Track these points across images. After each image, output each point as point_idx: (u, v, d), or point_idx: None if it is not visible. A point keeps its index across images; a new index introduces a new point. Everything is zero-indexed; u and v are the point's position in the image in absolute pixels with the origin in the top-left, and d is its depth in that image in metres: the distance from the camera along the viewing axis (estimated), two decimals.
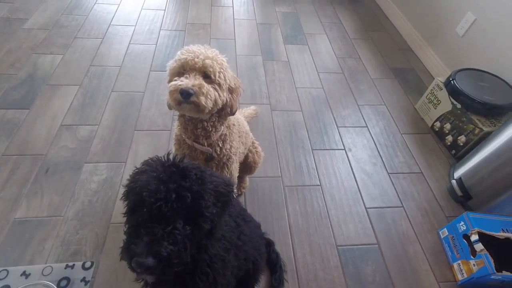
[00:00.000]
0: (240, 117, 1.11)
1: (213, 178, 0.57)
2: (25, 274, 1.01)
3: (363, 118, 1.72)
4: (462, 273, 1.09)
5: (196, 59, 0.78)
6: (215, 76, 0.79)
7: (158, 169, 0.54)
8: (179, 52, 0.82)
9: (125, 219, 0.55)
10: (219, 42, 2.11)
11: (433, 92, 1.66)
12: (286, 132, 1.59)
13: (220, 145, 0.92)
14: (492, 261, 0.98)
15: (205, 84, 0.78)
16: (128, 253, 0.49)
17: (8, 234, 1.10)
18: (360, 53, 2.18)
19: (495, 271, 0.97)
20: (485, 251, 1.00)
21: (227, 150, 0.94)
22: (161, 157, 0.58)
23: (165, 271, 0.50)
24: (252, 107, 1.58)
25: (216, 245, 0.64)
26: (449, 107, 1.56)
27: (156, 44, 2.01)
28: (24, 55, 1.80)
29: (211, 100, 0.78)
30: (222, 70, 0.81)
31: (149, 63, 1.87)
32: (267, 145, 1.50)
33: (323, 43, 2.24)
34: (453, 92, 1.52)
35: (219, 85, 0.81)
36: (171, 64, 0.82)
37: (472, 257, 1.06)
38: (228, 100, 0.85)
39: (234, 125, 0.98)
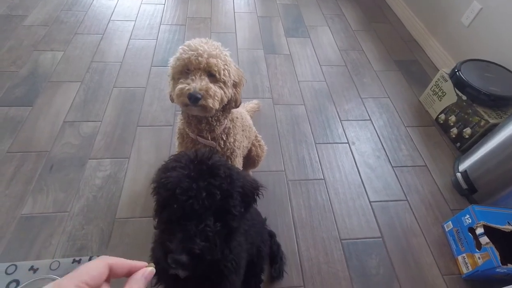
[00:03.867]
0: (243, 111, 1.10)
1: (240, 177, 0.58)
2: (33, 269, 1.02)
3: (367, 111, 1.71)
4: (467, 266, 1.09)
5: (200, 59, 0.76)
6: (220, 74, 0.78)
7: (188, 166, 0.54)
8: (180, 49, 0.80)
9: (130, 214, 0.56)
10: (220, 36, 2.09)
11: (438, 84, 1.64)
12: (289, 126, 1.59)
13: (224, 139, 0.92)
14: (497, 254, 0.98)
15: (212, 86, 0.77)
16: (163, 249, 0.51)
17: (15, 230, 1.11)
18: (363, 45, 2.15)
19: (500, 264, 0.96)
20: (491, 244, 1.00)
21: (231, 143, 0.94)
22: (189, 152, 0.59)
23: (198, 266, 0.51)
24: (255, 101, 1.56)
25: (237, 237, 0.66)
26: (454, 99, 1.54)
27: (157, 39, 2.00)
28: (25, 52, 1.79)
29: (218, 100, 0.78)
30: (226, 67, 0.79)
31: (150, 58, 1.86)
32: (270, 139, 1.50)
33: (325, 35, 2.21)
34: (459, 83, 1.49)
35: (224, 83, 0.80)
36: (173, 62, 0.80)
37: (477, 250, 1.05)
38: (233, 94, 0.85)
39: (237, 118, 0.97)
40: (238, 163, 1.02)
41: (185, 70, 0.78)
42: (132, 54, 1.88)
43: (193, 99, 0.75)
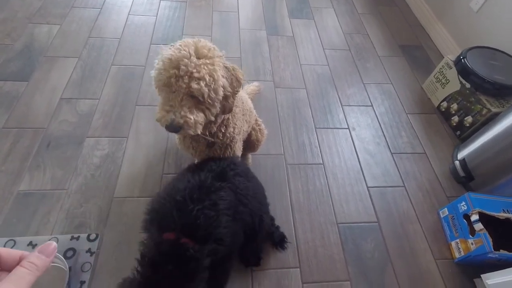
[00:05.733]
0: (244, 95, 1.08)
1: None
2: (31, 244, 1.03)
3: (368, 97, 1.69)
4: (460, 251, 1.11)
5: (180, 83, 0.68)
6: (204, 98, 0.71)
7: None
8: (161, 61, 0.72)
9: (128, 194, 0.57)
10: (222, 15, 2.02)
11: (442, 71, 1.61)
12: (290, 110, 1.57)
13: (223, 130, 0.90)
14: (490, 240, 1.00)
15: (192, 116, 0.71)
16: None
17: (12, 206, 1.11)
18: (368, 29, 2.09)
19: (492, 250, 0.98)
20: (484, 231, 1.02)
21: (231, 133, 0.92)
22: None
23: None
24: (255, 83, 1.54)
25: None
26: (457, 86, 1.52)
27: (157, 16, 1.93)
28: (20, 25, 1.73)
29: (201, 124, 0.74)
30: (213, 86, 0.71)
31: (149, 35, 1.81)
32: (270, 123, 1.48)
33: (330, 17, 2.15)
34: (463, 71, 1.47)
35: (211, 103, 0.74)
36: (154, 74, 0.73)
37: (471, 236, 1.07)
38: (222, 107, 0.79)
39: (237, 106, 0.94)
40: (238, 148, 1.01)
41: (167, 84, 0.71)
42: (131, 30, 1.82)
43: (171, 130, 0.72)
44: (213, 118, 0.79)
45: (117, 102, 1.47)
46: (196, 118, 0.72)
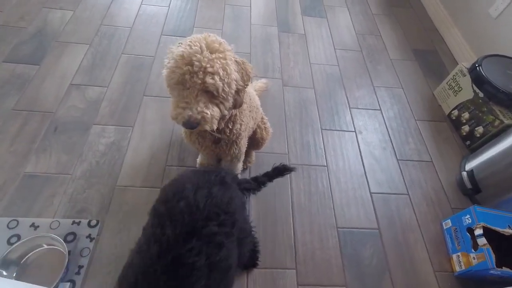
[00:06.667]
0: (252, 91, 1.07)
1: None
2: (34, 226, 1.05)
3: (377, 101, 1.66)
4: (461, 265, 1.09)
5: (195, 79, 0.68)
6: (218, 92, 0.71)
7: None
8: (172, 60, 0.71)
9: (130, 183, 0.57)
10: (234, 9, 2.01)
11: (455, 78, 1.57)
12: (296, 109, 1.55)
13: (230, 127, 0.90)
14: (493, 256, 0.98)
15: (208, 111, 0.71)
16: None
17: (18, 187, 1.13)
18: (382, 30, 2.05)
19: (495, 266, 0.96)
20: (488, 246, 0.99)
21: (237, 129, 0.91)
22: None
23: None
24: (263, 80, 1.52)
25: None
26: (470, 95, 1.48)
27: (169, 7, 1.93)
28: (34, 9, 1.74)
29: (216, 119, 0.74)
30: (226, 79, 0.71)
31: (160, 26, 1.80)
32: (276, 121, 1.47)
33: (343, 17, 2.11)
34: (477, 79, 1.43)
35: (225, 98, 0.74)
36: (167, 74, 0.72)
37: (473, 250, 1.05)
38: (233, 102, 0.79)
39: (245, 102, 0.93)
40: (243, 144, 1.01)
41: (180, 81, 0.71)
42: (142, 20, 1.82)
43: (188, 127, 0.72)
44: (226, 112, 0.79)
45: (125, 91, 1.48)
46: (212, 112, 0.72)
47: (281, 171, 0.91)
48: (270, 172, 0.91)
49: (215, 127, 0.75)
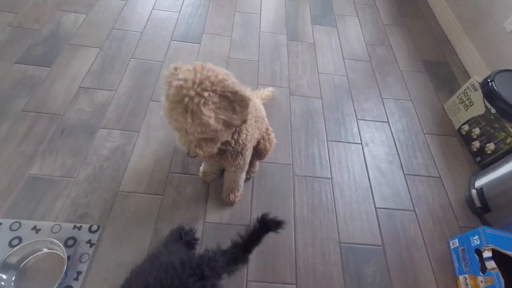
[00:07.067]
0: (257, 101, 1.06)
1: None
2: (35, 229, 1.05)
3: (385, 113, 1.63)
4: (468, 287, 1.05)
5: (182, 132, 0.71)
6: (208, 135, 0.72)
7: None
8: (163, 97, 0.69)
9: (133, 189, 0.56)
10: (244, 16, 2.01)
11: (467, 92, 1.54)
12: (302, 119, 1.54)
13: (235, 138, 0.89)
14: (502, 281, 0.94)
15: (201, 150, 0.75)
16: None
17: (22, 188, 1.14)
18: (392, 40, 2.03)
19: None
20: (497, 270, 0.96)
21: (243, 140, 0.91)
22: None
23: None
24: (270, 88, 1.51)
25: None
26: (481, 110, 1.45)
27: (180, 12, 1.94)
28: (49, 11, 1.78)
29: (214, 149, 0.78)
30: (219, 119, 0.69)
31: (170, 31, 1.82)
32: (281, 130, 1.46)
33: (353, 26, 2.09)
34: (489, 94, 1.40)
35: (215, 136, 0.74)
36: (164, 103, 0.69)
37: (481, 273, 1.01)
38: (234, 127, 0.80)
39: (250, 113, 0.92)
40: (248, 155, 1.00)
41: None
42: (153, 25, 1.84)
43: (190, 157, 0.77)
44: (226, 139, 0.81)
45: (132, 95, 1.49)
46: (206, 149, 0.76)
47: (268, 226, 0.74)
48: (256, 229, 0.75)
49: (215, 149, 0.78)
